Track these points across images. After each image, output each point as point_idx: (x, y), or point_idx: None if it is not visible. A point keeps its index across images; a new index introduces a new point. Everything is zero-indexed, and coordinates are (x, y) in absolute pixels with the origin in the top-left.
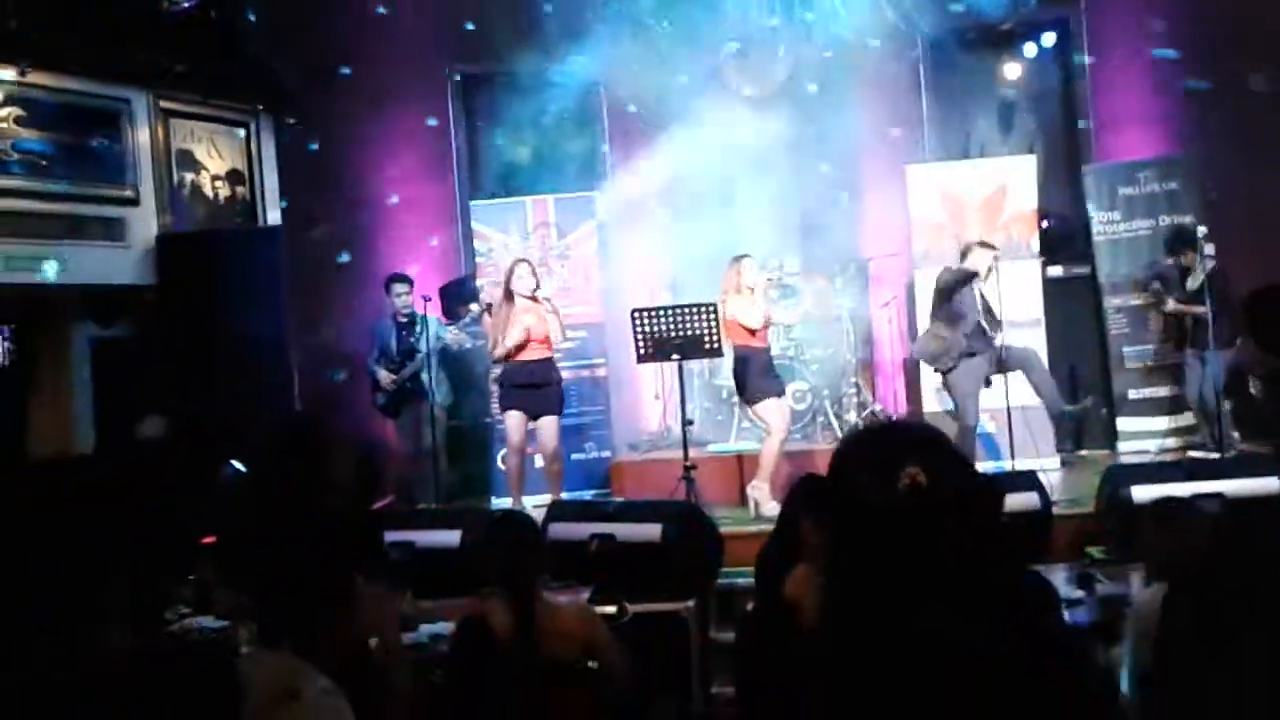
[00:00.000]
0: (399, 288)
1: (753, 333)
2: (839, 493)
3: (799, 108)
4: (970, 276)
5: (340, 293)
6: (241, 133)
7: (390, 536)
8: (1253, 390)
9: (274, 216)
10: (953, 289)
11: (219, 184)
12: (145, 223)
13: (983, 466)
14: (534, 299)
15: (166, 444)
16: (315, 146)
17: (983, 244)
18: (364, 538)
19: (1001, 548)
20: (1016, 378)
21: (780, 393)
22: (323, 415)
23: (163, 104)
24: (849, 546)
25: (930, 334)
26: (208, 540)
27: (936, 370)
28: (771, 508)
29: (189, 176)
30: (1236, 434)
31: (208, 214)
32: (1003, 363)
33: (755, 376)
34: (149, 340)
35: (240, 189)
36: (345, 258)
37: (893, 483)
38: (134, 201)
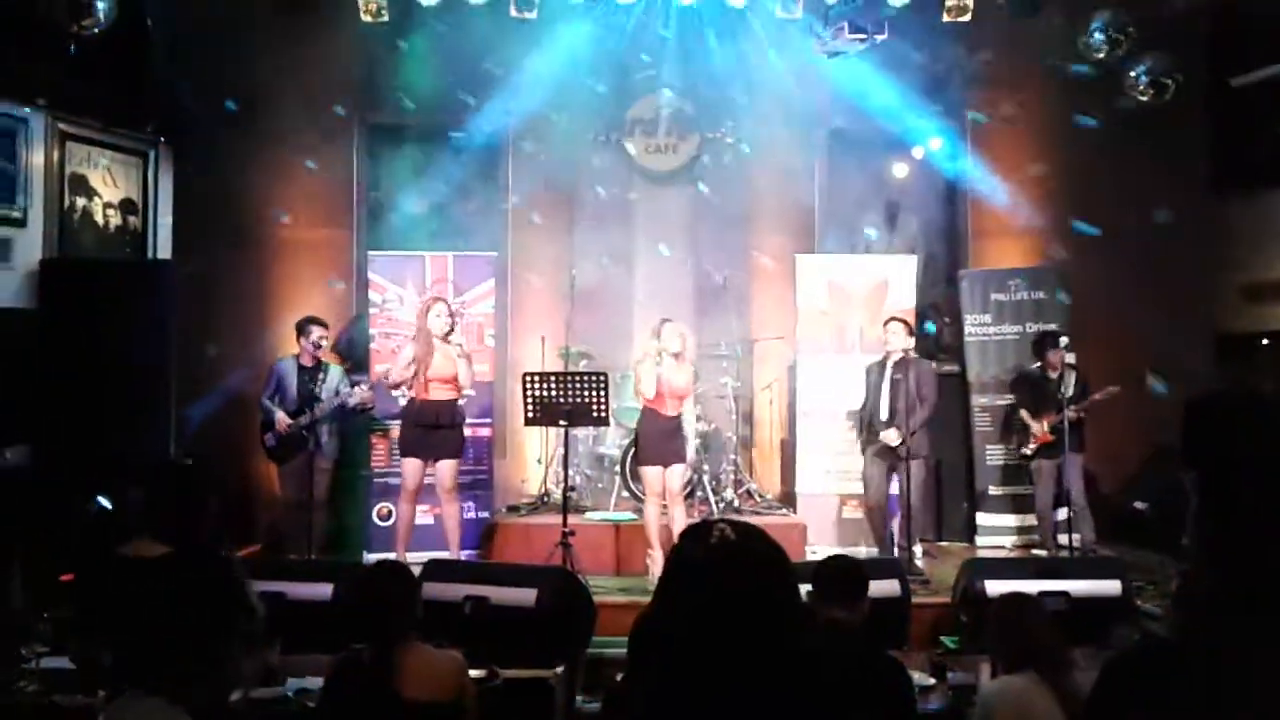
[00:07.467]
0: (318, 330)
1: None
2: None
3: (700, 187)
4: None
5: (227, 332)
6: (139, 162)
7: (260, 586)
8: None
9: (164, 249)
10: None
11: (110, 212)
12: (30, 245)
13: (853, 552)
14: (445, 340)
15: (29, 473)
16: (213, 182)
17: (892, 319)
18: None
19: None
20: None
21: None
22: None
23: (61, 126)
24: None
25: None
26: (67, 578)
27: None
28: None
29: (81, 202)
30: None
31: (96, 241)
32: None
33: (652, 440)
34: (25, 366)
35: (132, 219)
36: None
37: (708, 539)
38: (21, 223)
